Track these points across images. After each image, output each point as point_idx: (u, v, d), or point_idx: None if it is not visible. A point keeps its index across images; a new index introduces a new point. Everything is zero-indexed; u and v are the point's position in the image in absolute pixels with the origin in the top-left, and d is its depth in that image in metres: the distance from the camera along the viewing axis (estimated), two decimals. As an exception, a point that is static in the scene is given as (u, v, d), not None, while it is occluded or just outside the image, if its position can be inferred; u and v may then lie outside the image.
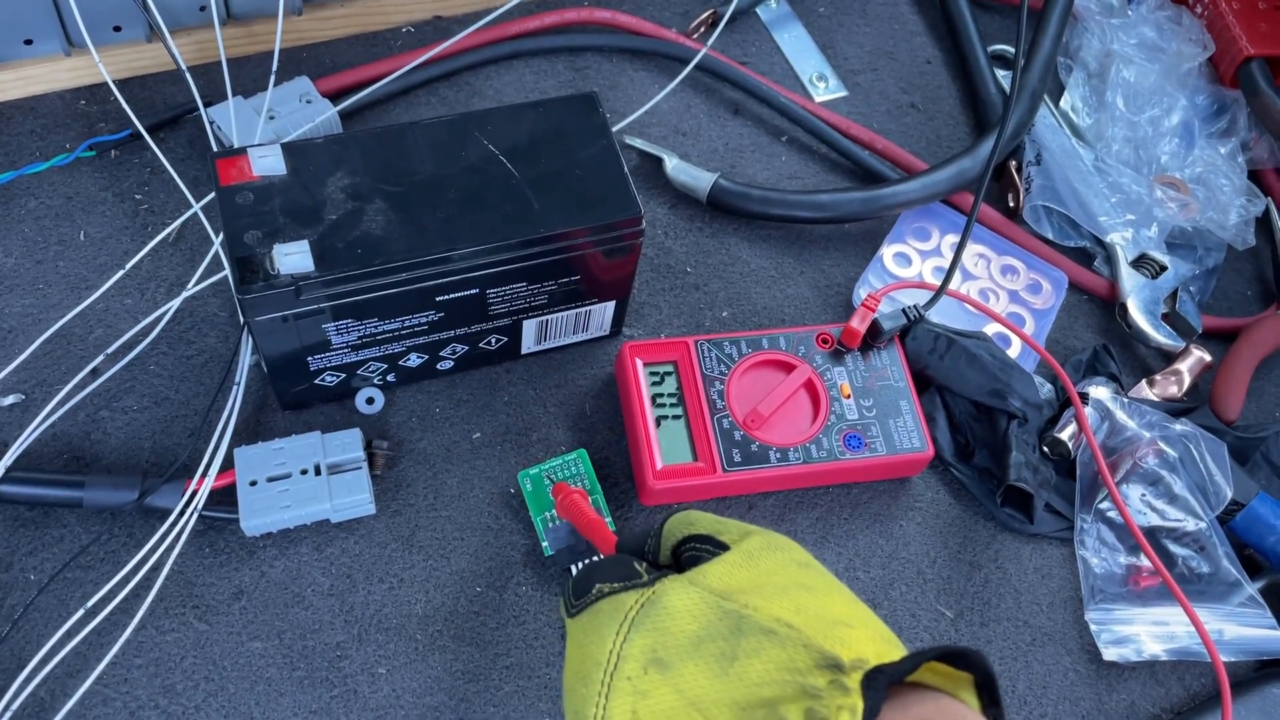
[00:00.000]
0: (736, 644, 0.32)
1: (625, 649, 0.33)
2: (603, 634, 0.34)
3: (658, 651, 0.33)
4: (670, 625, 0.33)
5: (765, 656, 0.31)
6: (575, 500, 0.50)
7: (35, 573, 0.48)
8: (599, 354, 0.59)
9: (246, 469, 0.50)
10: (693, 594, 0.34)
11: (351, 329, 0.49)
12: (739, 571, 0.35)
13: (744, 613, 0.33)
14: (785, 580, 0.35)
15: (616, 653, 0.33)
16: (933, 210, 0.67)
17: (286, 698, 0.47)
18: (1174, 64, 0.72)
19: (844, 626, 0.32)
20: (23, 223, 0.57)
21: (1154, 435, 0.57)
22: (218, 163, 0.47)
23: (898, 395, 0.56)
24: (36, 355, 0.53)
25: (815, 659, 0.31)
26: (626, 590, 0.36)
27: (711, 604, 0.34)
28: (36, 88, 0.62)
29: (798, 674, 0.30)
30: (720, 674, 0.31)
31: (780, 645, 0.31)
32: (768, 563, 0.36)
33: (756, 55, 0.73)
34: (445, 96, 0.67)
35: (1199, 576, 0.55)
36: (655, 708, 0.32)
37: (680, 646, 0.33)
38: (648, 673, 0.32)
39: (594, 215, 0.49)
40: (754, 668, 0.31)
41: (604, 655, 0.33)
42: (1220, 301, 0.68)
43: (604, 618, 0.35)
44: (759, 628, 0.32)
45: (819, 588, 0.35)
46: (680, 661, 0.32)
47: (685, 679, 0.32)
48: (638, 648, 0.33)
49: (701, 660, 0.32)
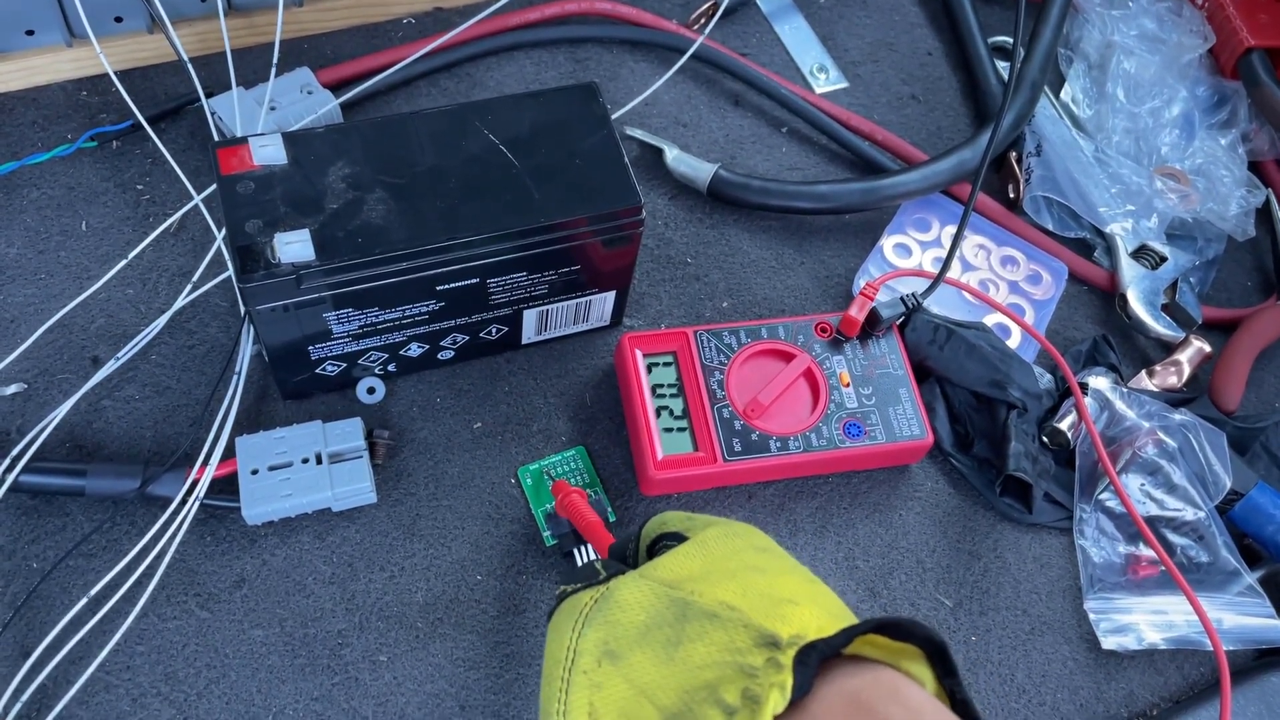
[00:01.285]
0: (681, 629, 0.33)
1: (580, 644, 0.34)
2: (561, 632, 0.36)
3: (609, 643, 0.34)
4: (620, 617, 0.34)
5: (708, 640, 0.32)
6: (575, 501, 0.50)
7: (38, 560, 0.48)
8: (599, 344, 0.59)
9: (248, 458, 0.50)
10: (642, 585, 0.35)
11: (352, 318, 0.49)
12: (690, 561, 0.36)
13: (689, 599, 0.33)
14: (736, 565, 0.35)
15: (573, 648, 0.34)
16: (933, 201, 0.67)
17: (288, 685, 0.47)
18: (1174, 55, 0.72)
19: (789, 604, 0.33)
20: (25, 213, 0.58)
21: (1153, 425, 0.57)
22: (219, 152, 0.47)
23: (897, 383, 0.56)
24: (38, 345, 0.53)
25: (754, 638, 0.31)
26: (584, 589, 0.37)
27: (660, 594, 0.34)
28: (38, 78, 0.62)
29: (737, 654, 0.31)
30: (666, 660, 0.32)
31: (722, 627, 0.32)
32: (720, 549, 0.36)
33: (757, 46, 0.73)
34: (446, 87, 0.67)
35: (1198, 566, 0.55)
36: (609, 699, 0.32)
37: (629, 637, 0.33)
38: (601, 665, 0.33)
39: (594, 204, 0.49)
40: (697, 651, 0.32)
41: (562, 652, 0.35)
42: (1220, 292, 0.68)
43: (563, 617, 0.36)
44: (703, 612, 0.33)
45: (772, 570, 0.35)
46: (629, 651, 0.33)
47: (634, 668, 0.33)
48: (590, 641, 0.34)
49: (649, 648, 0.33)
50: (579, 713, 0.33)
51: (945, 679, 0.31)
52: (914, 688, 0.30)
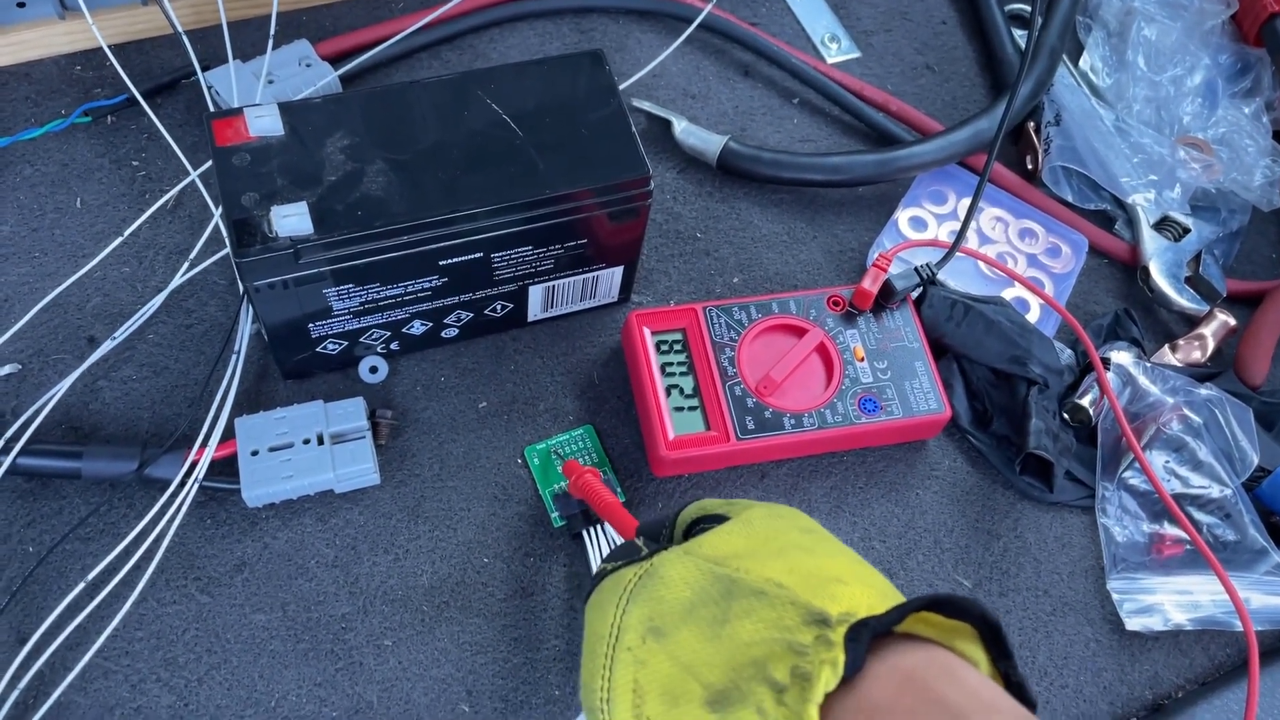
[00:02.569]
0: (728, 607, 0.32)
1: (624, 620, 0.34)
2: (605, 609, 0.35)
3: (654, 620, 0.33)
4: (666, 594, 0.34)
5: (755, 617, 0.31)
6: (590, 481, 0.49)
7: (34, 545, 0.47)
8: (607, 321, 0.57)
9: (248, 439, 0.49)
10: (687, 562, 0.34)
11: (353, 294, 0.48)
12: (735, 539, 0.35)
13: (736, 576, 0.33)
14: (783, 543, 0.35)
15: (617, 625, 0.34)
16: (949, 173, 0.65)
17: (291, 670, 0.46)
18: (1196, 22, 0.70)
19: (837, 583, 0.32)
20: (18, 190, 0.56)
21: (1178, 401, 0.55)
22: (213, 123, 0.46)
23: (912, 356, 0.54)
24: (33, 324, 0.52)
25: (803, 616, 0.30)
26: (626, 566, 0.37)
27: (705, 570, 0.34)
28: (31, 53, 0.60)
29: (786, 631, 0.30)
30: (712, 637, 0.32)
31: (770, 605, 0.31)
32: (766, 529, 0.36)
33: (767, 16, 0.72)
34: (448, 59, 0.65)
35: (1224, 544, 0.53)
36: (654, 675, 0.32)
37: (675, 613, 0.33)
38: (646, 642, 0.33)
39: (600, 175, 0.48)
40: (744, 628, 0.31)
41: (606, 629, 0.34)
42: (1245, 265, 0.67)
43: (606, 594, 0.36)
44: (750, 589, 0.32)
45: (818, 550, 0.35)
46: (675, 628, 0.33)
47: (680, 645, 0.32)
48: (635, 618, 0.34)
49: (695, 625, 0.32)
50: (623, 690, 0.32)
51: (1000, 661, 0.30)
52: (969, 668, 0.30)
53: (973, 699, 0.28)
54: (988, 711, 0.28)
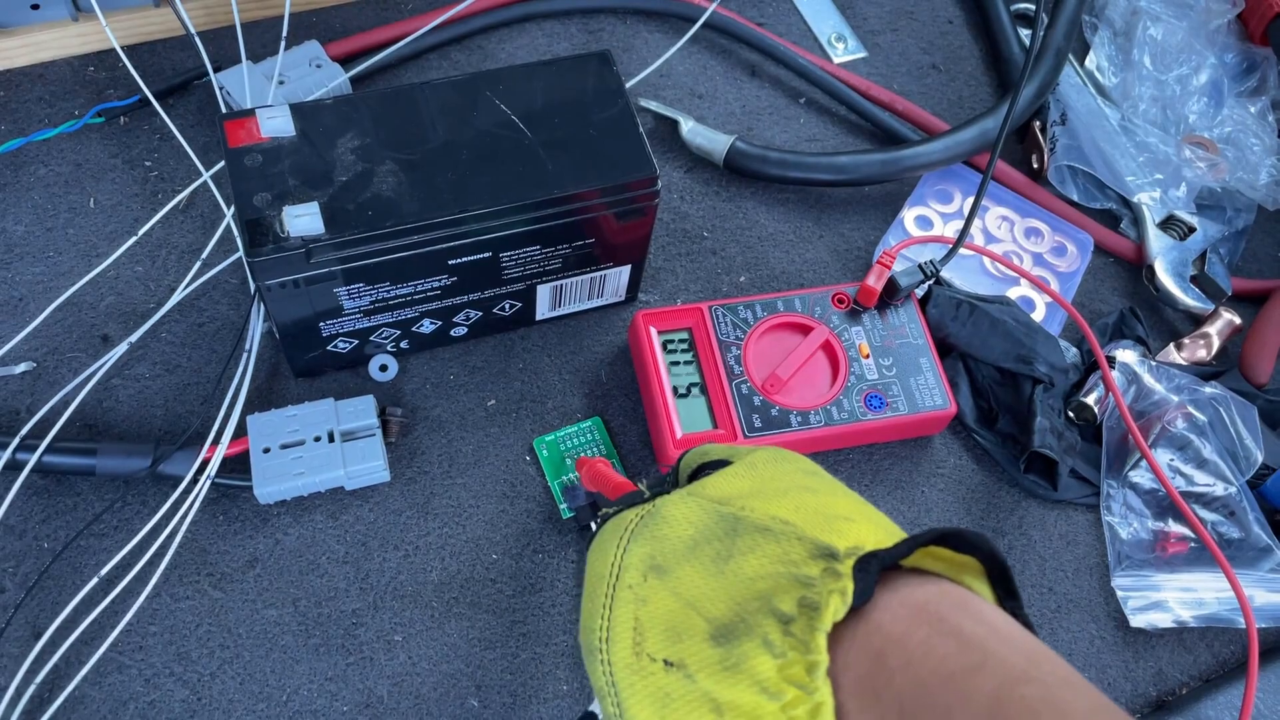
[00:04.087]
0: (732, 543, 0.32)
1: (625, 559, 0.33)
2: (605, 549, 0.34)
3: (656, 558, 0.33)
4: (668, 532, 0.33)
5: (761, 552, 0.31)
6: (600, 470, 0.49)
7: (49, 541, 0.48)
8: (615, 320, 0.58)
9: (260, 436, 0.49)
10: (690, 502, 0.34)
11: (363, 293, 0.48)
12: (739, 480, 0.35)
13: (740, 514, 0.32)
14: (787, 484, 0.34)
15: (618, 564, 0.33)
16: (954, 172, 0.65)
17: (302, 665, 0.47)
18: (1202, 21, 0.70)
19: (844, 520, 0.31)
20: (32, 190, 0.57)
21: (1183, 399, 0.56)
22: (226, 125, 0.46)
23: (917, 353, 0.54)
24: (48, 323, 0.53)
25: (810, 550, 0.30)
26: (628, 508, 0.36)
27: (709, 509, 0.33)
28: (45, 54, 0.61)
29: (792, 565, 0.30)
30: (716, 573, 0.31)
31: (775, 540, 0.31)
32: (770, 470, 0.35)
33: (773, 16, 0.72)
34: (457, 60, 0.66)
35: (1229, 542, 0.53)
36: (655, 612, 0.31)
37: (677, 551, 0.32)
38: (647, 579, 0.32)
39: (608, 175, 0.48)
40: (749, 564, 0.31)
41: (607, 568, 0.34)
42: (1250, 263, 0.67)
43: (607, 535, 0.35)
44: (755, 526, 0.32)
45: (823, 491, 0.34)
46: (677, 565, 0.32)
47: (682, 581, 0.31)
48: (636, 556, 0.33)
49: (698, 562, 0.32)
50: (623, 628, 0.31)
51: (1006, 601, 0.30)
52: (983, 601, 0.29)
53: (988, 629, 0.27)
54: (1005, 640, 0.27)
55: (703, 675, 0.29)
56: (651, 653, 0.30)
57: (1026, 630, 0.28)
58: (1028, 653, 0.27)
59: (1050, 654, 0.27)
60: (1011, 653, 0.26)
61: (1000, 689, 0.25)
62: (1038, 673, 0.26)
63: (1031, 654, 0.27)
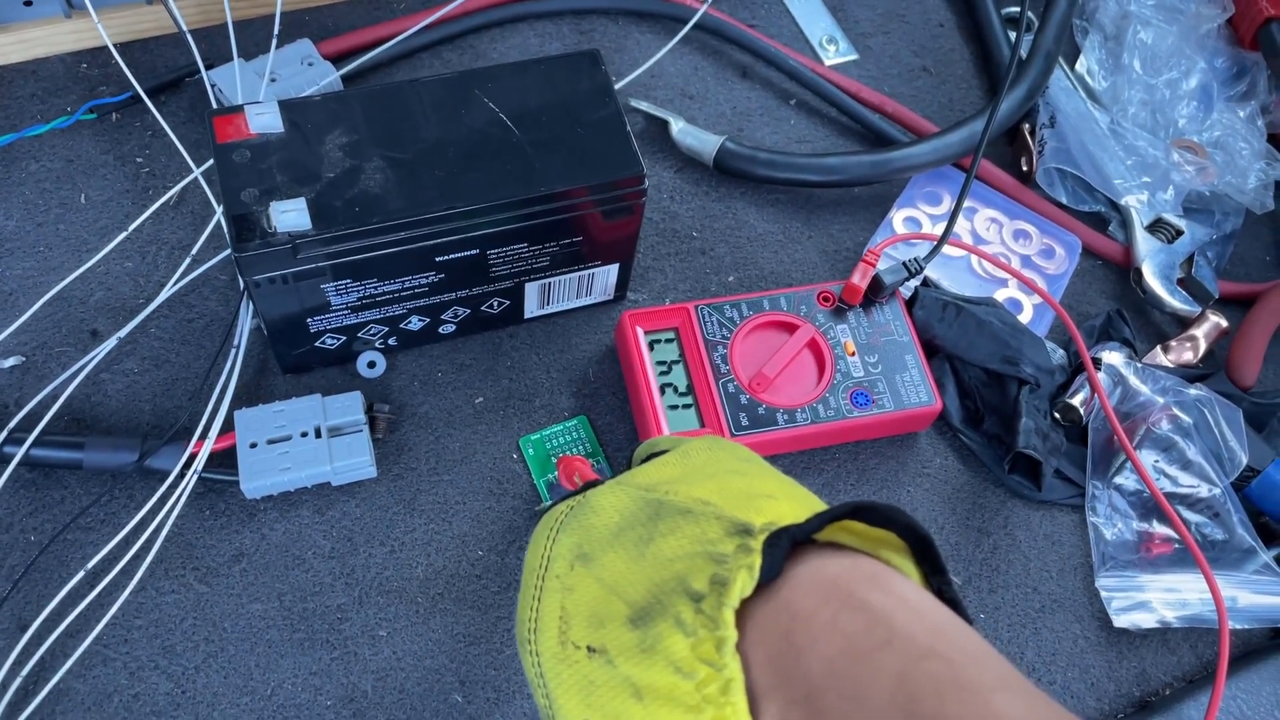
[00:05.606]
0: (654, 527, 0.32)
1: (554, 550, 0.34)
2: (537, 543, 0.35)
3: (582, 547, 0.33)
4: (594, 521, 0.33)
5: (680, 534, 0.31)
6: (578, 467, 0.49)
7: (35, 534, 0.48)
8: (603, 319, 0.58)
9: (246, 431, 0.49)
10: (618, 491, 0.34)
11: (351, 290, 0.48)
12: (669, 468, 0.35)
13: (664, 499, 0.33)
14: (716, 469, 0.34)
15: (547, 555, 0.34)
16: (943, 174, 0.66)
17: (287, 659, 0.47)
18: (1192, 26, 0.71)
19: (765, 499, 0.31)
20: (23, 185, 0.57)
21: (1168, 401, 0.56)
22: (214, 120, 0.47)
23: (902, 350, 0.55)
24: (37, 318, 0.53)
25: (727, 528, 0.30)
26: (560, 502, 0.37)
27: (635, 496, 0.34)
28: (37, 50, 0.61)
29: (708, 544, 0.30)
30: (637, 557, 0.31)
31: (694, 521, 0.31)
32: (703, 458, 0.36)
33: (765, 18, 0.72)
34: (449, 60, 0.66)
35: (1213, 543, 0.54)
36: (580, 600, 0.31)
37: (602, 539, 0.33)
38: (574, 568, 0.32)
39: (595, 174, 0.48)
40: (668, 545, 0.31)
41: (537, 560, 0.34)
42: (1238, 267, 0.67)
43: (540, 529, 0.36)
44: (676, 509, 0.32)
45: (752, 474, 0.34)
46: (601, 552, 0.32)
47: (605, 567, 0.32)
48: (564, 547, 0.33)
49: (621, 547, 0.32)
50: (550, 617, 0.32)
51: (932, 577, 0.29)
52: (896, 575, 0.29)
53: (899, 602, 0.27)
54: (914, 614, 0.27)
55: (622, 659, 0.29)
56: (576, 640, 0.31)
57: (939, 603, 0.28)
58: (935, 626, 0.26)
59: (960, 626, 0.27)
60: (919, 628, 0.26)
61: (905, 665, 0.25)
62: (944, 647, 0.26)
63: (939, 628, 0.26)
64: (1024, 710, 0.24)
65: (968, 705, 0.24)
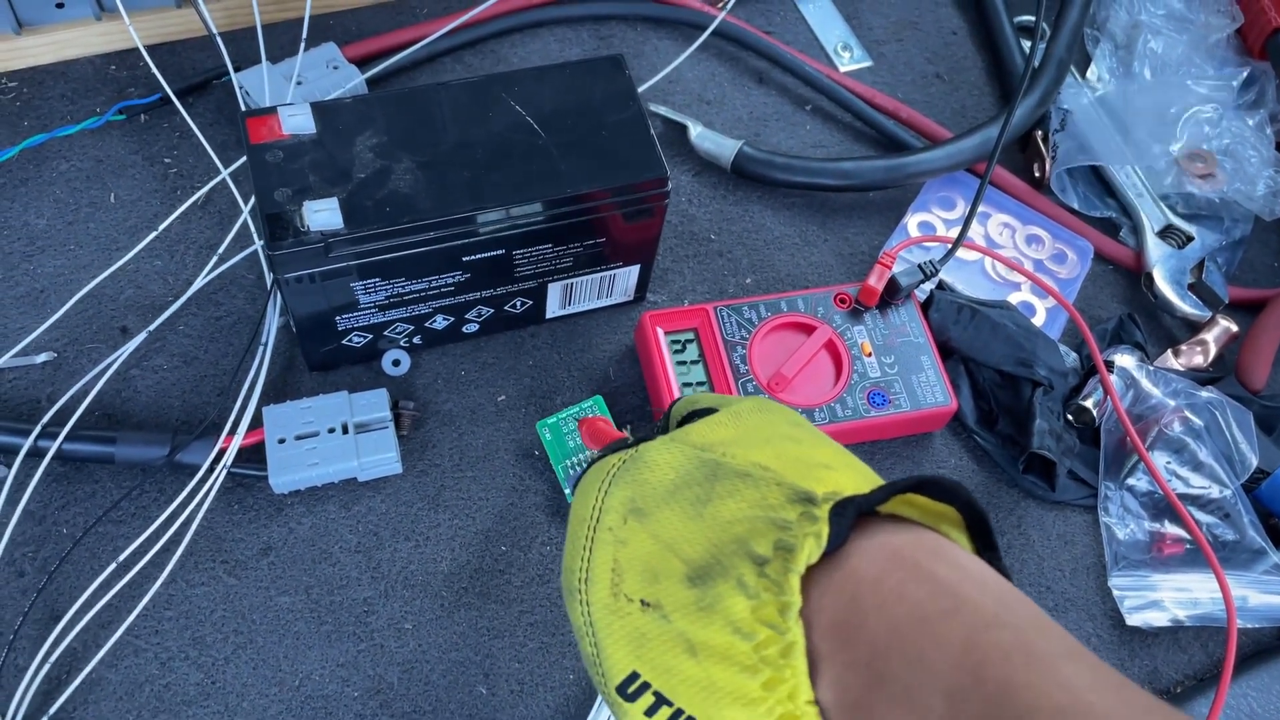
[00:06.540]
0: (711, 488, 0.32)
1: (606, 502, 0.33)
2: (587, 493, 0.35)
3: (636, 501, 0.33)
4: (649, 476, 0.33)
5: (739, 497, 0.31)
6: (599, 427, 0.48)
7: (68, 526, 0.49)
8: (623, 320, 0.59)
9: (275, 427, 0.50)
10: (672, 448, 0.34)
11: (379, 288, 0.49)
12: (723, 428, 0.35)
13: (721, 460, 0.33)
14: (770, 434, 0.34)
15: (599, 507, 0.33)
16: (957, 179, 0.67)
17: (314, 650, 0.48)
18: (1202, 35, 0.72)
19: (824, 468, 0.31)
20: (54, 185, 0.58)
21: (1179, 403, 0.57)
22: (248, 121, 0.47)
23: (918, 351, 0.56)
24: (68, 315, 0.54)
25: (789, 495, 0.30)
26: (612, 453, 0.36)
27: (690, 455, 0.33)
28: (68, 52, 0.62)
29: (770, 510, 0.30)
30: (695, 516, 0.31)
31: (754, 486, 0.31)
32: (754, 420, 0.36)
33: (781, 25, 0.73)
34: (471, 64, 0.67)
35: (1224, 544, 0.54)
36: (633, 554, 0.32)
37: (657, 495, 0.33)
38: (627, 522, 0.32)
39: (619, 176, 0.49)
40: (727, 507, 0.31)
41: (588, 511, 0.34)
42: (1247, 273, 0.68)
43: (590, 479, 0.36)
44: (735, 471, 0.32)
45: (806, 441, 0.34)
46: (657, 508, 0.32)
47: (661, 524, 0.32)
48: (617, 500, 0.33)
49: (677, 505, 0.32)
50: (602, 569, 0.32)
51: (984, 552, 0.30)
52: (956, 547, 0.29)
53: (962, 574, 0.27)
54: (979, 585, 0.27)
55: (678, 615, 0.29)
56: (629, 593, 0.31)
57: (1001, 576, 0.28)
58: (1000, 597, 0.27)
59: (1023, 598, 0.28)
60: (984, 597, 0.27)
61: (972, 633, 0.25)
62: (1010, 617, 0.26)
63: (1004, 598, 0.27)
64: (1091, 679, 0.24)
65: (1035, 671, 0.24)
